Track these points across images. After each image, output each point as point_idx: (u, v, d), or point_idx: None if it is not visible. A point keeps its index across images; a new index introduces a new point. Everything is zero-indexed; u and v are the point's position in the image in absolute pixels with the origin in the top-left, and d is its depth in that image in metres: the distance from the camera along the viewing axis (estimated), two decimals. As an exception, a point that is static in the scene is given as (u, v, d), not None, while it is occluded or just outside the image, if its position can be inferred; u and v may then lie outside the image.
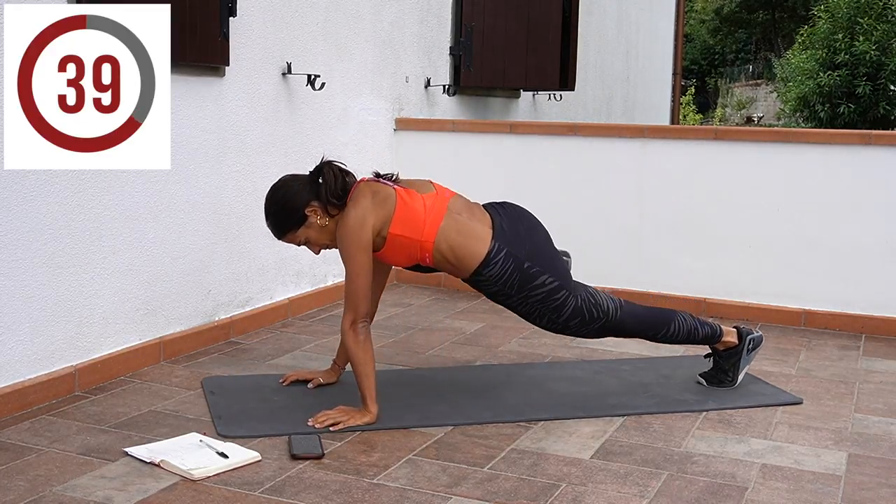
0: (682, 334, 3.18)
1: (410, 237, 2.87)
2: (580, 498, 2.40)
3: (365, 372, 2.83)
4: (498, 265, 2.89)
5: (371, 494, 2.38)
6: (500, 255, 2.89)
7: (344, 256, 2.86)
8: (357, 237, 2.82)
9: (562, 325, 3.03)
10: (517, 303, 2.99)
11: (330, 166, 2.93)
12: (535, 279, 2.92)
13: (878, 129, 11.38)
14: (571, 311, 2.98)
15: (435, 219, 2.88)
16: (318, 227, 2.93)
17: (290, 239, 2.97)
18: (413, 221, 2.87)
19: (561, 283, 2.95)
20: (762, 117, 21.15)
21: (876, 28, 12.78)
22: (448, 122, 5.10)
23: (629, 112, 9.49)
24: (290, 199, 2.91)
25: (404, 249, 2.90)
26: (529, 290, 2.93)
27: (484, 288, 2.99)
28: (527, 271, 2.91)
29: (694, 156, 4.51)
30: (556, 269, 2.96)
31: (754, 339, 3.30)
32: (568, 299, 2.96)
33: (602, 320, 3.03)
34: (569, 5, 6.35)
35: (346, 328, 2.84)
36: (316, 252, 3.02)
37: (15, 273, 2.90)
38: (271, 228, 2.98)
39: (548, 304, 2.96)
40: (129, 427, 2.81)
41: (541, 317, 3.01)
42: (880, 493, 2.49)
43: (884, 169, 4.20)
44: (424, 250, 2.89)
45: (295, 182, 2.96)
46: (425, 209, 2.89)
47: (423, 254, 2.90)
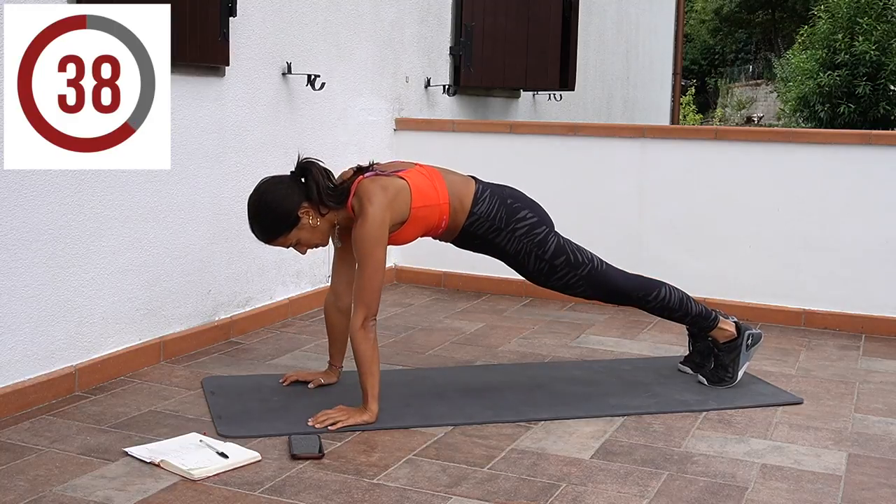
0: (674, 301, 3.25)
1: (431, 204, 3.00)
2: (580, 498, 2.40)
3: (371, 370, 2.83)
4: (485, 202, 3.07)
5: (371, 494, 2.38)
6: (485, 193, 3.10)
7: (362, 254, 2.83)
8: (378, 235, 2.84)
9: (549, 265, 3.13)
10: (506, 239, 3.10)
11: (316, 165, 2.93)
12: (518, 213, 3.11)
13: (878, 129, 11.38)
14: (555, 247, 3.12)
15: (438, 180, 3.04)
16: (310, 228, 2.92)
17: (280, 243, 2.94)
18: (426, 191, 2.99)
19: (540, 220, 3.14)
20: (762, 117, 21.16)
21: (876, 28, 12.79)
22: (448, 122, 5.10)
23: (629, 112, 9.49)
24: (281, 202, 2.88)
25: (425, 220, 3.01)
26: (515, 222, 3.10)
27: (477, 228, 3.08)
28: (510, 206, 3.11)
29: (694, 156, 4.51)
30: (533, 207, 3.17)
31: (753, 335, 3.30)
32: (549, 235, 3.13)
33: (588, 266, 3.15)
34: (569, 5, 6.35)
35: (356, 325, 2.83)
36: (303, 252, 3.01)
37: (15, 273, 2.90)
38: (260, 234, 2.93)
39: (531, 237, 3.11)
40: (129, 427, 2.81)
41: (528, 254, 3.12)
42: (880, 493, 2.49)
43: (884, 169, 4.20)
44: (443, 212, 3.03)
45: (280, 185, 2.92)
46: (427, 177, 3.02)
47: (441, 217, 3.03)
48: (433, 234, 3.10)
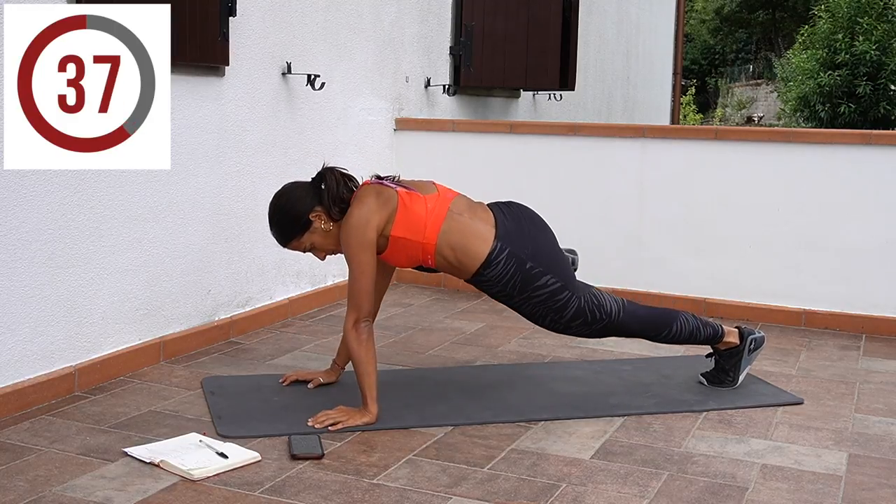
0: (683, 335, 3.18)
1: (412, 239, 2.87)
2: (580, 498, 2.40)
3: (366, 371, 2.83)
4: (500, 266, 2.89)
5: (371, 494, 2.38)
6: (501, 255, 2.89)
7: (347, 256, 2.86)
8: (360, 236, 2.83)
9: (564, 326, 3.03)
10: (519, 303, 2.99)
11: (332, 171, 2.95)
12: (538, 280, 2.91)
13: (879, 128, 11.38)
14: (574, 312, 2.98)
15: (436, 221, 2.89)
16: (323, 233, 2.94)
17: (295, 246, 2.98)
18: (414, 224, 2.87)
19: (564, 285, 2.95)
20: (762, 117, 21.15)
21: (876, 28, 12.78)
22: (448, 122, 5.10)
23: (629, 112, 9.49)
24: (294, 205, 2.92)
25: (406, 251, 2.91)
26: (532, 290, 2.93)
27: (486, 288, 2.99)
28: (529, 272, 2.91)
29: (694, 156, 4.51)
30: (559, 269, 2.96)
31: (756, 340, 3.30)
32: (571, 300, 2.96)
33: (604, 321, 3.03)
34: (569, 5, 6.35)
35: (348, 327, 2.84)
36: (321, 258, 3.03)
37: (15, 273, 2.90)
38: (276, 236, 2.99)
39: (550, 304, 2.96)
40: (129, 427, 2.81)
41: (543, 317, 3.02)
42: (880, 493, 2.49)
43: (884, 169, 4.20)
44: (427, 252, 2.90)
45: (297, 189, 2.97)
46: (427, 211, 2.89)
47: (425, 256, 2.91)
48: (425, 266, 2.98)
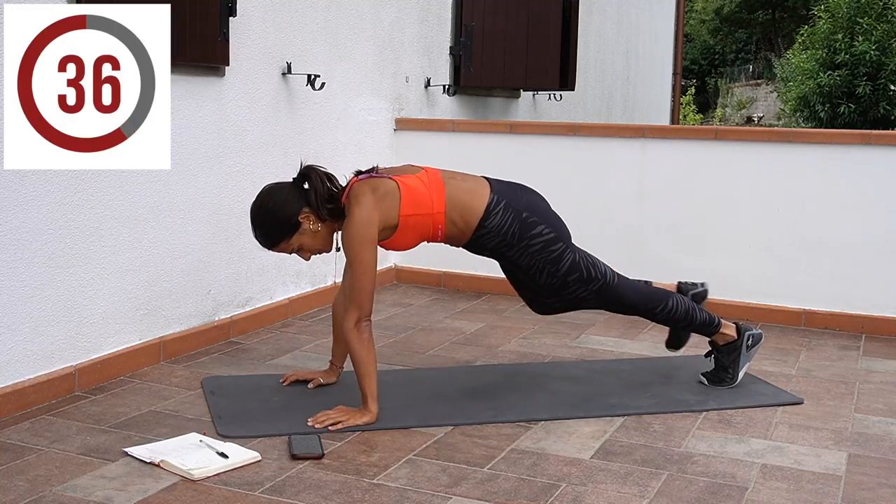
0: (680, 312, 3.22)
1: (423, 213, 2.92)
2: (580, 498, 2.40)
3: (367, 371, 2.83)
4: (498, 216, 2.98)
5: (371, 494, 2.38)
6: (499, 205, 2.99)
7: (350, 255, 2.86)
8: (364, 235, 2.83)
9: (561, 282, 3.07)
10: (519, 254, 3.04)
11: (315, 171, 2.95)
12: (534, 228, 3.01)
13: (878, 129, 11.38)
14: (569, 265, 3.05)
15: (438, 191, 2.96)
16: (311, 233, 2.94)
17: (282, 248, 2.97)
18: (420, 199, 2.92)
19: (557, 236, 3.05)
20: (762, 117, 21.15)
21: (876, 28, 12.79)
22: (448, 122, 5.10)
23: (629, 112, 9.49)
24: (282, 207, 2.90)
25: (417, 228, 2.95)
26: (529, 238, 3.01)
27: (487, 241, 3.03)
28: (525, 220, 3.00)
29: (694, 156, 4.51)
30: (552, 223, 3.07)
31: (753, 336, 3.30)
32: (565, 252, 3.05)
33: (600, 281, 3.10)
34: (569, 5, 6.35)
35: (349, 326, 2.84)
36: (307, 258, 3.03)
37: (15, 273, 2.90)
38: (262, 240, 2.96)
39: (546, 256, 3.03)
40: (129, 427, 2.81)
41: (541, 271, 3.06)
42: (880, 493, 2.49)
43: (884, 169, 4.20)
44: (437, 222, 2.95)
45: (281, 190, 2.95)
46: (426, 185, 2.95)
47: (435, 228, 2.96)
48: (434, 240, 3.06)
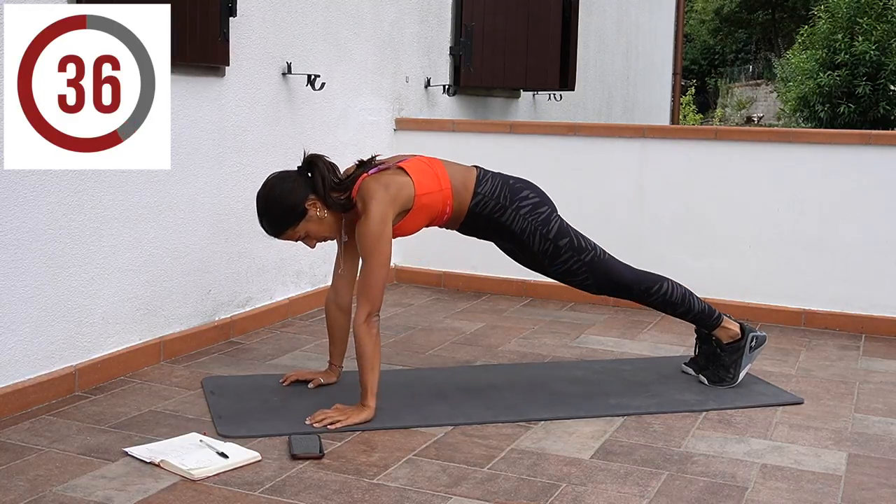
0: (677, 295, 3.25)
1: (433, 191, 3.02)
2: (580, 498, 2.40)
3: (372, 366, 2.84)
4: (488, 182, 3.12)
5: (371, 494, 2.38)
6: (487, 175, 3.15)
7: (367, 250, 2.87)
8: (381, 231, 2.87)
9: (553, 245, 3.13)
10: (512, 217, 3.11)
11: (320, 159, 2.98)
12: (521, 192, 3.15)
13: (878, 129, 11.38)
14: (558, 227, 3.15)
15: (440, 169, 3.06)
16: (318, 220, 2.96)
17: (288, 236, 2.99)
18: (428, 179, 3.01)
19: (542, 200, 3.18)
20: (762, 117, 21.16)
21: (876, 28, 12.80)
22: (448, 122, 5.10)
23: (629, 112, 9.49)
24: (289, 195, 2.93)
25: (430, 208, 3.03)
26: (519, 200, 3.12)
27: (483, 208, 3.10)
28: (512, 186, 3.15)
29: (694, 156, 4.51)
30: (535, 189, 3.20)
31: (758, 338, 3.30)
32: (552, 215, 3.16)
33: (591, 252, 3.18)
34: (569, 5, 6.35)
35: (360, 321, 2.84)
36: (312, 246, 3.05)
37: (15, 273, 2.90)
38: (268, 228, 2.98)
39: (535, 216, 3.13)
40: (129, 427, 2.81)
41: (533, 233, 3.13)
42: (880, 493, 2.49)
43: (884, 169, 4.20)
44: (446, 197, 3.05)
45: (287, 179, 2.98)
46: (428, 166, 3.06)
47: (444, 203, 3.04)
48: (438, 222, 3.12)
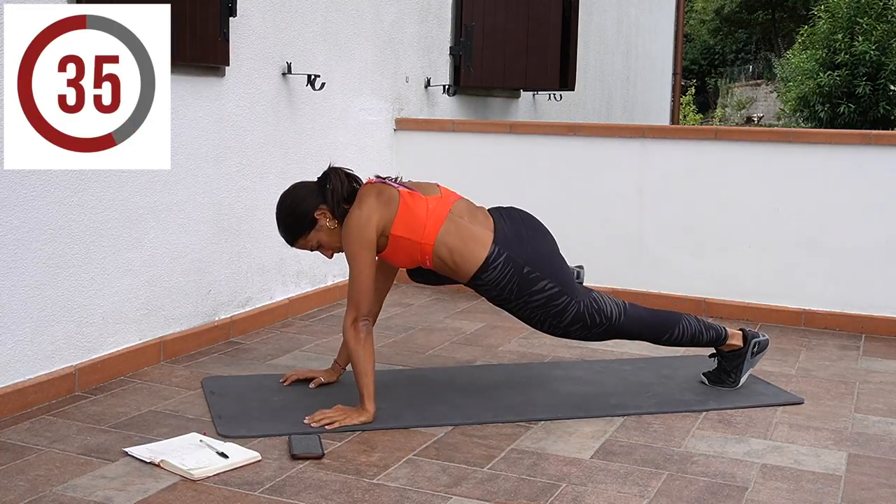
0: (685, 338, 3.17)
1: (411, 239, 2.89)
2: (580, 498, 2.40)
3: (364, 370, 2.84)
4: (497, 269, 2.90)
5: (371, 494, 2.38)
6: (499, 259, 2.89)
7: (347, 254, 2.88)
8: (360, 235, 2.85)
9: (563, 331, 3.04)
10: (517, 308, 3.00)
11: (336, 171, 2.98)
12: (535, 284, 2.92)
13: (878, 129, 11.39)
14: (573, 317, 2.98)
15: (436, 222, 2.90)
16: (328, 230, 2.96)
17: (302, 244, 3.01)
18: (414, 223, 2.89)
19: (562, 289, 2.94)
20: (762, 117, 21.16)
21: (876, 28, 12.79)
22: (448, 122, 5.10)
23: (629, 112, 9.49)
24: (299, 203, 2.96)
25: (405, 251, 2.92)
26: (529, 294, 2.93)
27: (484, 292, 3.00)
28: (526, 276, 2.91)
29: (694, 156, 4.51)
30: (557, 274, 2.95)
31: (759, 343, 3.29)
32: (570, 305, 2.96)
33: (605, 325, 3.03)
34: (569, 5, 6.35)
35: (347, 326, 2.86)
36: (329, 256, 3.06)
37: (15, 273, 2.90)
38: (283, 235, 3.02)
39: (548, 309, 2.96)
40: (129, 427, 2.81)
41: (542, 322, 3.02)
42: (880, 493, 2.49)
43: (884, 169, 4.20)
44: (425, 253, 2.91)
45: (302, 188, 3.01)
46: (427, 212, 2.90)
47: (423, 256, 2.92)
48: (424, 267, 3.00)
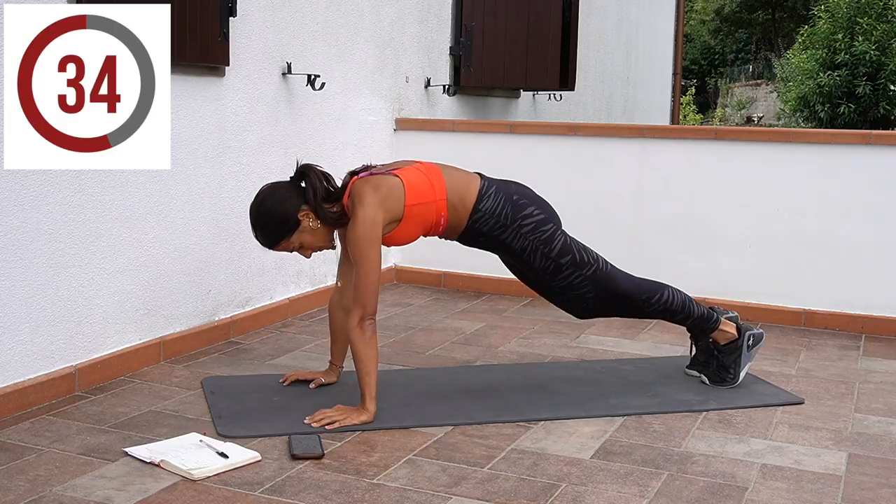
0: (676, 303, 3.23)
1: (427, 201, 2.97)
2: (580, 498, 2.40)
3: (367, 370, 2.84)
4: (490, 198, 3.04)
5: (371, 494, 2.38)
6: (490, 189, 3.07)
7: (356, 254, 2.87)
8: (370, 235, 2.85)
9: (555, 263, 3.09)
10: (513, 236, 3.07)
11: (313, 169, 2.98)
12: (525, 209, 3.07)
13: (878, 129, 11.38)
14: (561, 245, 3.09)
15: (437, 177, 3.01)
16: (311, 231, 2.96)
17: (283, 247, 2.99)
18: (422, 188, 2.97)
19: (547, 217, 3.11)
20: (762, 117, 21.15)
21: (876, 28, 12.79)
22: (448, 122, 5.10)
23: (629, 112, 9.49)
24: (281, 206, 2.93)
25: (422, 218, 2.98)
26: (521, 218, 3.06)
27: (483, 225, 3.05)
28: (516, 202, 3.07)
29: (694, 156, 4.51)
30: (541, 205, 3.13)
31: (754, 336, 3.30)
32: (556, 233, 3.10)
33: (593, 266, 3.13)
34: (569, 5, 6.35)
35: (353, 325, 2.85)
36: (307, 256, 3.05)
37: (15, 273, 2.90)
38: (262, 239, 2.99)
39: (538, 235, 3.07)
40: (129, 427, 2.81)
41: (534, 252, 3.09)
42: (880, 493, 2.49)
43: (884, 169, 4.20)
44: (440, 208, 2.99)
45: (279, 189, 2.98)
46: (425, 175, 3.00)
47: (438, 214, 3.00)
48: (434, 232, 3.07)
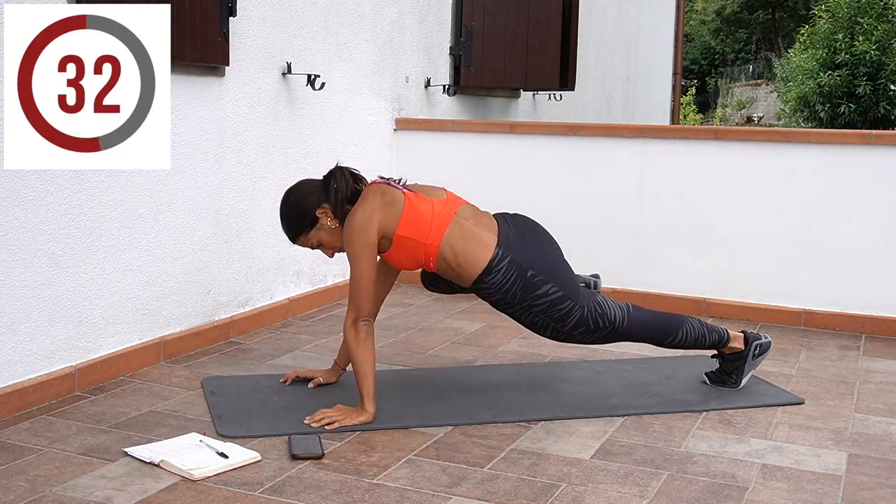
0: (689, 341, 3.16)
1: (416, 240, 2.88)
2: (580, 498, 2.40)
3: (364, 371, 2.84)
4: (500, 273, 2.89)
5: (371, 494, 2.38)
6: (503, 262, 2.89)
7: (349, 254, 2.88)
8: (362, 236, 2.84)
9: (566, 335, 3.04)
10: (520, 312, 3.00)
11: (342, 170, 2.98)
12: (539, 288, 2.91)
13: (879, 129, 11.39)
14: (576, 321, 2.97)
15: (441, 223, 2.90)
16: (329, 230, 2.96)
17: (303, 242, 3.01)
18: (419, 224, 2.88)
19: (565, 294, 2.94)
20: (762, 117, 21.15)
21: (876, 28, 12.80)
22: (448, 122, 5.10)
23: (629, 112, 9.49)
24: (301, 201, 2.96)
25: (409, 252, 2.91)
26: (532, 299, 2.92)
27: (486, 296, 2.99)
28: (530, 280, 2.90)
29: (694, 156, 4.51)
30: (561, 278, 2.95)
31: (761, 345, 3.28)
32: (573, 309, 2.95)
33: (607, 329, 3.02)
34: (569, 5, 6.35)
35: (347, 326, 2.86)
36: (330, 255, 3.04)
37: (15, 273, 2.90)
38: (286, 231, 3.02)
39: (551, 313, 2.95)
40: (129, 427, 2.81)
41: (545, 326, 3.02)
42: (880, 493, 2.49)
43: (884, 169, 4.20)
44: (429, 254, 2.91)
45: (307, 185, 3.01)
46: (433, 213, 2.90)
47: (427, 258, 2.92)
48: (427, 269, 3.00)
